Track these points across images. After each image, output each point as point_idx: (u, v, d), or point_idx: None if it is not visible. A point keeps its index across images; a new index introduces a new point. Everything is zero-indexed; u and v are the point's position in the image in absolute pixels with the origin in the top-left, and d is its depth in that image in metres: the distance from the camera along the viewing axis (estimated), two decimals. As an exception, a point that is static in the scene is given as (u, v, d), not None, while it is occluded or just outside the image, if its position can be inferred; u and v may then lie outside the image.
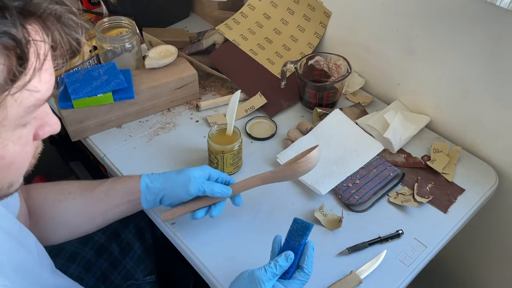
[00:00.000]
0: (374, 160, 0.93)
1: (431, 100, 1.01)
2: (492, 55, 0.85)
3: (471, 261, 1.15)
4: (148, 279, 0.91)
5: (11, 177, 0.43)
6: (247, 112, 1.06)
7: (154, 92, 1.02)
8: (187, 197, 0.74)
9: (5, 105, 0.36)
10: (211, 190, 0.73)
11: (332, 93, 1.02)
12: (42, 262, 0.67)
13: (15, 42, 0.34)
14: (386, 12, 0.99)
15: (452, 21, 0.88)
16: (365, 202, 0.87)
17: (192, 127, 1.03)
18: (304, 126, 1.01)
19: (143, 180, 0.76)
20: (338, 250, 0.80)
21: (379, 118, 1.00)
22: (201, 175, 0.74)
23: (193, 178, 0.73)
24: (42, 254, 0.67)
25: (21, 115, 0.39)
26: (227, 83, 1.15)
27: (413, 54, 0.99)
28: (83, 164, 1.50)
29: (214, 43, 1.19)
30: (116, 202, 0.76)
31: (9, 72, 0.34)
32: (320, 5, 1.14)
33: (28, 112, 0.39)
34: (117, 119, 1.01)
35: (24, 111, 0.39)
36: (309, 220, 0.84)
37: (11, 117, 0.38)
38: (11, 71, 0.35)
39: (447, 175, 0.92)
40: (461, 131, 0.99)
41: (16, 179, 0.45)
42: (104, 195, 0.76)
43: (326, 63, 1.08)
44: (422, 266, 0.78)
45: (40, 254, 0.66)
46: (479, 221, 0.99)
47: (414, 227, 0.83)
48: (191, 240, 0.80)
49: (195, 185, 0.73)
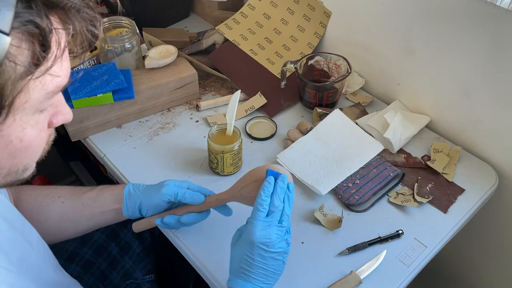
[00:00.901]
0: (374, 160, 0.93)
1: (431, 100, 1.01)
2: (492, 55, 0.85)
3: (471, 261, 1.15)
4: (147, 278, 0.91)
5: (27, 160, 0.45)
6: (247, 112, 1.06)
7: (154, 92, 1.02)
8: (161, 202, 0.73)
9: (28, 88, 0.39)
10: (183, 194, 0.73)
11: (332, 93, 1.02)
12: (44, 258, 0.67)
13: (39, 30, 0.37)
14: (386, 12, 0.99)
15: (452, 21, 0.88)
16: (365, 202, 0.87)
17: (192, 127, 1.03)
18: (304, 126, 1.01)
19: (127, 187, 0.77)
20: (338, 250, 0.80)
21: (379, 118, 1.00)
22: (178, 183, 0.75)
23: (168, 183, 0.74)
24: (44, 250, 0.68)
25: (41, 100, 0.41)
26: (227, 83, 1.15)
27: (413, 54, 0.99)
28: (83, 164, 1.50)
29: (214, 43, 1.19)
30: (102, 209, 0.77)
31: (33, 57, 0.37)
32: (320, 5, 1.14)
33: (47, 98, 0.42)
34: (117, 119, 1.01)
35: (43, 96, 0.41)
36: (309, 220, 0.84)
37: (32, 101, 0.40)
38: (35, 56, 0.37)
39: (447, 175, 0.92)
40: (461, 131, 0.99)
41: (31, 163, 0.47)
42: (91, 201, 0.77)
43: (326, 63, 1.08)
44: (422, 266, 0.78)
45: (42, 250, 0.67)
46: (479, 221, 0.99)
47: (414, 227, 0.83)
48: (190, 240, 0.80)
49: (168, 188, 0.73)
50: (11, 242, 0.58)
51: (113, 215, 0.78)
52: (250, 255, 0.62)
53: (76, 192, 0.79)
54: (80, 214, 0.77)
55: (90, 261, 0.89)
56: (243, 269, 0.62)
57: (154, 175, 0.85)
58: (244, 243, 0.63)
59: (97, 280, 0.88)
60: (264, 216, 0.62)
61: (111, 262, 0.91)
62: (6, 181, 0.46)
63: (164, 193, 0.73)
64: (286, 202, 0.65)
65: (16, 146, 0.42)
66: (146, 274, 0.92)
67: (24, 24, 0.36)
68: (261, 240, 0.61)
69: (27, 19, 0.36)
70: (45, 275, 0.65)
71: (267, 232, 0.61)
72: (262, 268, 0.62)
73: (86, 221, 0.78)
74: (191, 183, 0.76)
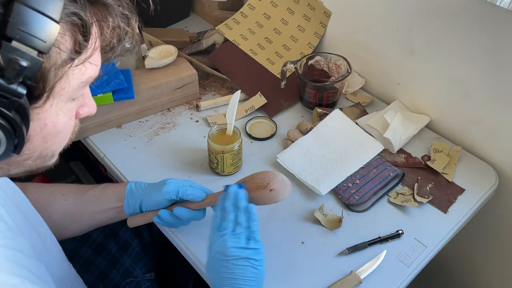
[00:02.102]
0: (374, 160, 0.93)
1: (431, 100, 1.01)
2: (492, 55, 0.85)
3: (471, 261, 1.15)
4: (147, 276, 0.91)
5: (56, 146, 0.48)
6: (247, 112, 1.06)
7: (154, 92, 1.02)
8: (163, 201, 0.74)
9: (68, 75, 0.42)
10: (185, 191, 0.73)
11: (332, 93, 1.02)
12: (53, 250, 0.69)
13: (82, 21, 0.40)
14: (386, 12, 0.99)
15: (452, 21, 0.88)
16: (365, 202, 0.87)
17: (192, 127, 1.03)
18: (304, 126, 1.01)
19: (129, 185, 0.78)
20: (338, 250, 0.80)
21: (379, 118, 1.00)
22: (181, 182, 0.75)
23: (170, 181, 0.75)
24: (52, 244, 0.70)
25: (76, 88, 0.45)
26: (227, 83, 1.15)
27: (413, 54, 0.99)
28: (83, 164, 1.50)
29: (214, 43, 1.19)
30: (104, 207, 0.78)
31: (75, 45, 0.41)
32: (320, 5, 1.14)
33: (81, 87, 0.45)
34: (117, 119, 1.01)
35: (78, 85, 0.45)
36: (309, 220, 0.84)
37: (69, 88, 0.43)
38: (77, 44, 0.41)
39: (447, 175, 0.92)
40: (461, 131, 0.99)
41: (58, 149, 0.49)
42: (94, 198, 0.78)
43: (326, 63, 1.08)
44: (422, 266, 0.78)
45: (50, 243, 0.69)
46: (479, 221, 0.99)
47: (414, 227, 0.83)
48: (190, 239, 0.80)
49: (170, 186, 0.74)
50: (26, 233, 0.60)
51: (115, 213, 0.78)
52: (215, 267, 0.64)
53: (79, 190, 0.80)
54: (82, 212, 0.78)
55: (89, 260, 0.89)
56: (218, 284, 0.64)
57: (154, 175, 0.85)
58: (209, 259, 0.66)
59: (97, 279, 0.88)
60: (216, 228, 0.66)
61: (110, 260, 0.91)
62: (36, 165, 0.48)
63: (165, 192, 0.73)
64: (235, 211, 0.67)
65: (49, 130, 0.45)
66: (146, 273, 0.92)
67: (69, 16, 0.39)
68: (217, 250, 0.64)
69: (72, 11, 0.39)
70: (53, 267, 0.66)
71: (221, 241, 0.64)
72: (230, 277, 0.63)
73: (88, 219, 0.78)
74: (193, 183, 0.76)
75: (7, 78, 0.36)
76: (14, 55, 0.36)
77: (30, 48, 0.37)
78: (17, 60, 0.36)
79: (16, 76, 0.37)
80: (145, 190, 0.76)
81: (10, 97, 0.37)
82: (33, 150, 0.45)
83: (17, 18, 0.36)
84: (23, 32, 0.36)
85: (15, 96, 0.38)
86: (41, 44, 0.37)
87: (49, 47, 0.38)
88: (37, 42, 0.37)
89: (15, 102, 0.38)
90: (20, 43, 0.36)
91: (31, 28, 0.36)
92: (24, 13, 0.36)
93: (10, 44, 0.36)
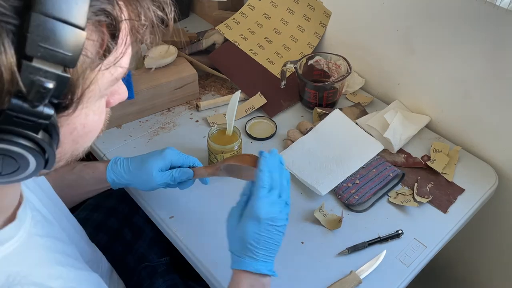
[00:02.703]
0: (374, 160, 0.93)
1: (431, 100, 1.01)
2: (492, 55, 0.85)
3: (471, 261, 1.15)
4: (162, 260, 0.92)
5: (87, 144, 0.46)
6: (247, 112, 1.06)
7: (154, 92, 1.02)
8: None
9: (97, 79, 0.38)
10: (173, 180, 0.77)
11: (332, 93, 1.02)
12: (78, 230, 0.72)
13: (110, 19, 0.35)
14: (386, 12, 0.99)
15: (452, 21, 0.88)
16: (365, 202, 0.87)
17: (192, 127, 1.03)
18: (304, 126, 1.01)
19: (109, 176, 0.79)
20: (338, 250, 0.80)
21: (379, 118, 1.00)
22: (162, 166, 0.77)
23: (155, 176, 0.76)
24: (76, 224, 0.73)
25: (106, 87, 0.41)
26: (227, 83, 1.15)
27: (413, 54, 0.99)
28: (83, 164, 1.49)
29: (214, 43, 1.19)
30: (86, 190, 0.82)
31: (101, 47, 0.36)
32: (320, 5, 1.14)
33: (111, 85, 0.41)
34: (117, 119, 1.01)
35: (109, 84, 0.41)
36: (309, 220, 0.84)
37: (98, 90, 0.39)
38: (104, 46, 0.36)
39: (447, 175, 0.92)
40: (461, 131, 0.99)
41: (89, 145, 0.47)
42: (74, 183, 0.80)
43: (326, 63, 1.08)
44: (422, 266, 0.78)
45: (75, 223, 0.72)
46: (479, 221, 0.99)
47: (414, 227, 0.83)
48: (190, 239, 0.80)
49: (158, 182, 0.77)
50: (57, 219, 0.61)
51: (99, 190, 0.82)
52: (258, 231, 0.62)
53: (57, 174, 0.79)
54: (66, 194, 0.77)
55: (105, 246, 0.90)
56: (250, 246, 0.62)
57: (154, 175, 0.85)
58: (249, 220, 0.62)
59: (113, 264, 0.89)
60: (267, 192, 0.62)
61: (126, 246, 0.93)
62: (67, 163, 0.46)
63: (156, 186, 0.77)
64: (282, 176, 0.66)
65: (79, 132, 0.42)
66: (161, 257, 0.92)
67: (96, 14, 0.34)
68: (268, 216, 0.61)
69: (98, 8, 0.34)
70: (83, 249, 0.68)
71: (272, 207, 0.62)
72: (268, 242, 0.63)
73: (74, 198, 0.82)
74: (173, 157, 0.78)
75: (31, 101, 0.32)
76: (37, 76, 0.31)
77: (55, 65, 0.32)
78: (41, 82, 0.31)
79: (41, 99, 0.32)
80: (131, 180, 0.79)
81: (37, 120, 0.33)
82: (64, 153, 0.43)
83: (37, 32, 0.30)
84: (45, 48, 0.31)
85: (43, 118, 0.34)
86: (66, 58, 0.32)
87: (75, 60, 0.33)
88: (62, 57, 0.32)
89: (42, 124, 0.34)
90: (42, 61, 0.31)
91: (54, 42, 0.31)
92: (44, 25, 0.31)
93: (31, 63, 0.31)
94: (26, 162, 0.36)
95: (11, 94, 0.31)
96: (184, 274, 0.90)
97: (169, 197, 0.86)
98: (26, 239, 0.48)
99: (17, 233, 0.47)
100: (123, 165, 0.79)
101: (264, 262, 0.63)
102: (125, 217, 0.96)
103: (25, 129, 0.34)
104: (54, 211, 0.63)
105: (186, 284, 0.88)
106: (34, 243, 0.49)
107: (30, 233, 0.49)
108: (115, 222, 0.95)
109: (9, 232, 0.46)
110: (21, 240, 0.47)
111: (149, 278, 0.88)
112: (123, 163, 0.79)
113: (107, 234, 0.93)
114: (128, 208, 0.96)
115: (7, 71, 0.30)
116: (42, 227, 0.53)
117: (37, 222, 0.52)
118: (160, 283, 0.86)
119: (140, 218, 0.96)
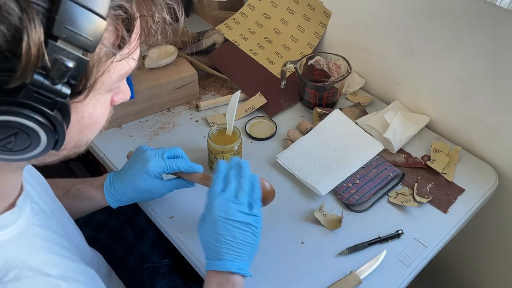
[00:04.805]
0: (374, 160, 0.93)
1: (431, 100, 1.01)
2: (492, 55, 0.85)
3: (471, 261, 1.15)
4: (164, 261, 0.92)
5: (90, 136, 0.48)
6: (247, 112, 1.06)
7: (154, 92, 1.02)
8: None
9: (110, 70, 0.41)
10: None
11: (332, 93, 1.02)
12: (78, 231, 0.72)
13: (127, 15, 0.39)
14: (386, 12, 0.99)
15: (452, 21, 0.88)
16: (365, 202, 0.87)
17: (192, 127, 1.03)
18: (304, 126, 1.01)
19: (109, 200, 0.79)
20: (338, 250, 0.80)
21: (379, 118, 1.00)
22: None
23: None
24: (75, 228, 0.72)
25: (115, 81, 0.44)
26: (227, 83, 1.15)
27: (413, 54, 0.99)
28: (83, 164, 1.50)
29: (214, 43, 1.19)
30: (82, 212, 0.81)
31: (117, 39, 0.39)
32: (320, 5, 1.14)
33: (119, 80, 0.44)
34: (117, 119, 1.01)
35: (117, 78, 0.44)
36: (309, 220, 0.84)
37: (109, 82, 0.43)
38: (120, 39, 0.40)
39: (447, 175, 0.92)
40: (461, 131, 0.99)
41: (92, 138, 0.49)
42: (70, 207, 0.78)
43: (326, 63, 1.08)
44: (422, 266, 0.78)
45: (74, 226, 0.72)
46: (479, 221, 0.99)
47: (414, 227, 0.83)
48: (190, 239, 0.80)
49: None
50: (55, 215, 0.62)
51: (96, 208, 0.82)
52: (215, 230, 0.64)
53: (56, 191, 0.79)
54: None
55: (106, 247, 0.91)
56: (213, 247, 0.64)
57: (154, 175, 0.85)
58: (207, 222, 0.65)
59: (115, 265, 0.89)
60: (219, 192, 0.66)
61: (127, 247, 0.93)
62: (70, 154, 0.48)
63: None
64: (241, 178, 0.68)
65: (86, 122, 0.44)
66: (163, 258, 0.93)
67: (115, 9, 0.37)
68: (221, 214, 0.64)
69: (117, 4, 0.37)
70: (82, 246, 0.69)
71: (224, 205, 0.65)
72: (231, 241, 0.64)
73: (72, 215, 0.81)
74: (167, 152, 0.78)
75: (52, 78, 0.35)
76: (61, 55, 0.34)
77: (77, 48, 0.35)
78: (63, 60, 0.35)
79: (61, 77, 0.35)
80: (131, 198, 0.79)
81: (54, 97, 0.36)
82: (69, 141, 0.44)
83: (65, 15, 0.34)
84: (70, 31, 0.34)
85: (60, 96, 0.36)
86: (88, 42, 0.35)
87: (95, 46, 0.36)
88: (84, 41, 0.35)
89: (58, 102, 0.37)
90: (66, 42, 0.35)
91: (79, 26, 0.35)
92: (71, 10, 0.34)
93: (56, 43, 0.34)
94: (38, 139, 0.38)
95: (35, 69, 0.34)
96: (185, 275, 0.90)
97: (169, 197, 0.86)
98: (24, 227, 0.49)
99: (16, 221, 0.48)
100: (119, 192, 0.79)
101: (230, 261, 0.64)
102: (127, 217, 0.96)
103: (42, 105, 0.36)
104: (52, 207, 0.63)
105: (187, 286, 0.88)
106: (32, 232, 0.50)
107: (29, 222, 0.50)
108: (116, 223, 0.95)
109: (8, 219, 0.47)
110: (19, 228, 0.48)
111: (150, 279, 0.88)
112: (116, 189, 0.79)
113: (108, 234, 0.93)
114: (130, 209, 0.96)
115: (35, 46, 0.33)
116: (41, 219, 0.53)
117: (36, 214, 0.53)
118: (161, 285, 0.86)
119: (142, 218, 0.96)
